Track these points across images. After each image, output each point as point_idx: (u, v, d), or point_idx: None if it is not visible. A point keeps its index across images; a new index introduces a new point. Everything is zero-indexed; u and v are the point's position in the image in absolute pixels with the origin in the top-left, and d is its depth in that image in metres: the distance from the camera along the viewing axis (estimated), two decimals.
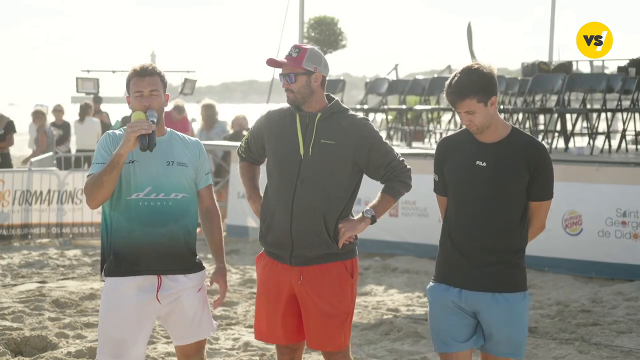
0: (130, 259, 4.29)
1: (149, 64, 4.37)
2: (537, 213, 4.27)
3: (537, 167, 4.18)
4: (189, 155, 4.41)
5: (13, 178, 11.75)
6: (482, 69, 4.14)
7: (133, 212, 4.28)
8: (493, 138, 4.22)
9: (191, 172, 4.39)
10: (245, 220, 12.01)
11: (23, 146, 24.83)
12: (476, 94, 4.11)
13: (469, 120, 4.16)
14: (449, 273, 4.29)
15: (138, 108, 4.29)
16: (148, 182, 4.28)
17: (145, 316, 4.33)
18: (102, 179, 4.18)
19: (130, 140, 4.16)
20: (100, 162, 4.27)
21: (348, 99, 34.37)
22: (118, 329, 4.29)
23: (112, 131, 4.40)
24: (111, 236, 4.34)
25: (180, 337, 4.45)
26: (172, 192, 4.31)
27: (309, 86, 4.45)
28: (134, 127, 4.16)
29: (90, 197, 4.25)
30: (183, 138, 4.49)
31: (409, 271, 9.75)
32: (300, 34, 15.72)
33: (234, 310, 7.93)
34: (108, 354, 4.32)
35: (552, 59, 16.10)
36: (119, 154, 4.17)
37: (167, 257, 4.32)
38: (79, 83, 18.48)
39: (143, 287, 4.30)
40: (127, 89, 4.39)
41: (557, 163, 10.06)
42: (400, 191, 4.55)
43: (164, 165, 4.32)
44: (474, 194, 4.20)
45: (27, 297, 8.23)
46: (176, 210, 4.33)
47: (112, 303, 4.31)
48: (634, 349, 6.61)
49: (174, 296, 4.34)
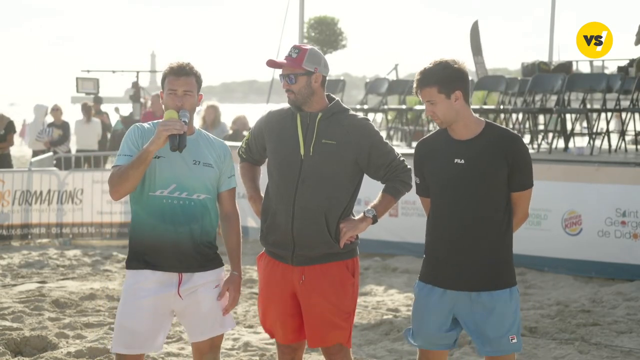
0: (151, 254, 4.30)
1: (186, 63, 4.36)
2: (519, 203, 4.30)
3: (515, 158, 4.22)
4: (214, 156, 4.40)
5: (13, 178, 11.75)
6: (451, 62, 4.21)
7: (155, 208, 4.28)
8: (467, 135, 4.26)
9: (216, 173, 4.39)
10: (246, 220, 12.02)
11: (23, 146, 24.82)
12: (436, 83, 4.17)
13: (431, 111, 4.24)
14: (433, 273, 4.34)
15: (171, 106, 4.29)
16: (173, 179, 4.28)
17: (161, 310, 4.34)
18: (129, 173, 4.18)
19: (161, 138, 4.15)
20: (127, 154, 4.26)
21: (348, 99, 34.38)
22: (133, 320, 4.31)
23: (140, 124, 4.40)
24: (134, 229, 4.37)
25: (195, 332, 4.44)
26: (195, 193, 4.32)
27: (309, 86, 4.45)
28: (166, 125, 4.16)
29: (114, 188, 4.24)
30: (210, 138, 4.48)
31: (409, 271, 9.75)
32: (300, 34, 15.71)
33: (234, 310, 7.88)
34: (122, 344, 4.34)
35: (552, 59, 16.09)
36: (148, 150, 4.16)
37: (188, 255, 4.33)
38: (79, 83, 18.48)
39: (163, 282, 4.32)
40: (162, 85, 4.40)
41: (557, 163, 10.14)
42: (400, 191, 4.56)
43: (190, 164, 4.32)
44: (455, 191, 4.24)
45: (27, 297, 8.23)
46: (198, 211, 4.33)
47: (130, 295, 4.33)
48: (634, 349, 6.61)
49: (190, 291, 4.35)
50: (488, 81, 13.29)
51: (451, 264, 4.27)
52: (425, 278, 4.38)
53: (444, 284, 4.29)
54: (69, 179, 11.99)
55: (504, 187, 4.24)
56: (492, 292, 4.24)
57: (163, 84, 4.38)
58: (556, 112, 12.06)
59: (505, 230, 4.28)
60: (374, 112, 14.96)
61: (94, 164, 13.76)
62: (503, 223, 4.27)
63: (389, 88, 14.37)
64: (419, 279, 4.42)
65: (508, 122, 13.05)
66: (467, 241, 4.23)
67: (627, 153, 11.84)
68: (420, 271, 4.43)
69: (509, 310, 4.26)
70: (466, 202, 4.22)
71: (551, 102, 14.04)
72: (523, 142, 4.30)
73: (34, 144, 16.48)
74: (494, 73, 18.43)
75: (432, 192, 4.35)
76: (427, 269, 4.38)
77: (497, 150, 4.21)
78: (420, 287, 4.39)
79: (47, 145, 15.61)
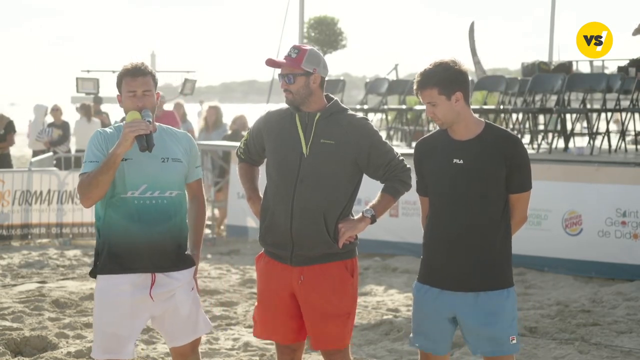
0: (126, 256, 4.27)
1: (140, 63, 4.34)
2: (517, 205, 4.30)
3: (514, 160, 4.21)
4: (182, 150, 4.39)
5: (13, 178, 11.75)
6: (452, 64, 4.21)
7: (128, 210, 4.25)
8: (467, 135, 4.26)
9: (185, 167, 4.39)
10: (245, 221, 12.01)
11: (23, 146, 24.80)
12: (436, 85, 4.17)
13: (432, 112, 4.23)
14: (431, 273, 4.34)
15: (132, 108, 4.26)
16: (143, 180, 4.26)
17: (139, 312, 4.32)
18: (98, 179, 4.14)
19: (128, 140, 4.13)
20: (93, 160, 4.23)
21: (348, 99, 34.40)
22: (114, 325, 4.29)
23: (102, 129, 4.36)
24: (105, 233, 4.31)
25: (176, 338, 4.44)
26: (167, 190, 4.30)
27: (307, 87, 4.45)
28: (132, 127, 4.13)
29: (85, 196, 4.21)
30: (173, 132, 4.46)
31: (409, 271, 9.75)
32: (300, 34, 15.71)
33: (234, 310, 7.93)
34: (103, 350, 4.33)
35: (552, 59, 16.10)
36: (115, 154, 4.14)
37: (162, 255, 4.31)
38: (79, 83, 18.45)
39: (137, 284, 4.29)
40: (118, 87, 4.36)
41: (557, 163, 10.13)
42: (400, 191, 4.56)
43: (159, 162, 4.29)
44: (454, 192, 4.24)
45: (27, 297, 8.23)
46: (171, 208, 4.32)
47: (107, 300, 4.30)
48: (634, 349, 6.61)
49: (167, 295, 4.34)
50: (488, 81, 13.29)
51: (449, 265, 4.27)
52: (423, 279, 4.37)
53: (442, 284, 4.29)
54: (69, 179, 11.99)
55: (503, 188, 4.24)
56: (491, 292, 4.24)
57: (120, 87, 4.34)
58: (556, 112, 12.06)
59: (504, 231, 4.28)
60: (374, 112, 14.96)
61: None
62: (501, 224, 4.26)
63: (389, 88, 14.37)
64: (417, 280, 4.42)
65: (508, 122, 13.05)
66: (465, 241, 4.23)
67: (627, 153, 11.83)
68: (419, 272, 4.43)
69: (507, 310, 4.26)
70: (464, 202, 4.22)
71: (551, 102, 14.04)
72: (522, 144, 4.31)
73: (34, 144, 16.48)
74: (494, 73, 18.43)
75: (431, 191, 4.35)
76: (425, 270, 4.38)
77: (497, 152, 4.21)
78: (418, 289, 4.39)
79: (47, 145, 15.61)
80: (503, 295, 4.25)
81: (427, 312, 4.32)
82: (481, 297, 4.23)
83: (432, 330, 4.32)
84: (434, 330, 4.32)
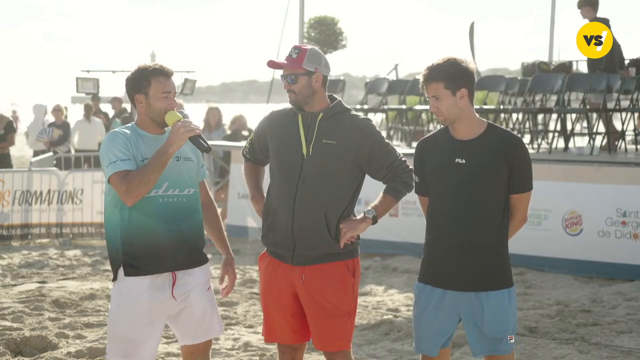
0: (146, 257, 4.25)
1: (165, 65, 4.33)
2: (518, 206, 4.31)
3: (515, 160, 4.22)
4: (190, 148, 4.40)
5: (13, 178, 11.76)
6: (459, 60, 4.23)
7: (153, 209, 4.24)
8: (469, 135, 4.27)
9: (195, 165, 4.42)
10: (245, 220, 12.01)
11: (23, 146, 24.81)
12: (442, 79, 4.18)
13: (435, 107, 4.24)
14: (433, 273, 4.34)
15: (166, 108, 4.24)
16: (164, 178, 4.25)
17: (157, 315, 4.31)
18: (149, 177, 4.12)
19: (183, 140, 4.15)
20: (125, 158, 4.15)
21: (348, 99, 34.35)
22: (130, 328, 4.27)
23: (120, 130, 4.29)
24: (126, 235, 4.26)
25: (190, 336, 4.44)
26: (185, 188, 4.33)
27: (310, 86, 4.45)
28: (187, 127, 4.15)
29: (135, 193, 4.12)
30: None
31: (409, 271, 9.75)
32: (300, 34, 15.70)
33: (234, 310, 7.93)
34: (119, 354, 4.30)
35: (552, 59, 16.08)
36: (168, 153, 4.14)
37: (185, 253, 4.32)
38: (79, 83, 18.49)
39: (156, 286, 4.28)
40: (139, 88, 4.26)
41: (557, 163, 10.13)
42: (401, 192, 4.56)
43: (174, 161, 4.30)
44: (455, 191, 4.25)
45: (27, 297, 8.23)
46: (190, 205, 4.35)
47: (124, 302, 4.28)
48: (634, 349, 6.61)
49: (186, 294, 4.34)
50: (488, 81, 13.28)
51: (450, 264, 4.27)
52: (424, 279, 4.38)
53: (443, 284, 4.29)
54: (69, 179, 11.99)
55: (504, 188, 4.25)
56: (491, 292, 4.24)
57: (146, 87, 4.24)
58: (556, 112, 12.05)
59: (504, 231, 4.29)
60: (374, 112, 14.94)
61: (94, 164, 13.76)
62: (502, 224, 4.27)
63: (389, 88, 14.37)
64: (418, 279, 4.42)
65: (508, 122, 13.04)
66: (465, 241, 4.23)
67: (627, 153, 11.83)
68: (420, 271, 4.43)
69: (508, 310, 4.27)
70: (465, 202, 4.22)
71: (551, 102, 14.03)
72: (525, 145, 4.31)
73: (34, 144, 16.49)
74: (494, 73, 18.44)
75: (432, 191, 4.35)
76: (426, 270, 4.39)
77: (498, 152, 4.21)
78: (420, 289, 4.39)
79: (47, 145, 15.61)
80: (504, 295, 4.26)
81: (430, 312, 4.32)
82: (482, 297, 4.24)
83: (433, 329, 4.31)
84: (435, 330, 4.31)
